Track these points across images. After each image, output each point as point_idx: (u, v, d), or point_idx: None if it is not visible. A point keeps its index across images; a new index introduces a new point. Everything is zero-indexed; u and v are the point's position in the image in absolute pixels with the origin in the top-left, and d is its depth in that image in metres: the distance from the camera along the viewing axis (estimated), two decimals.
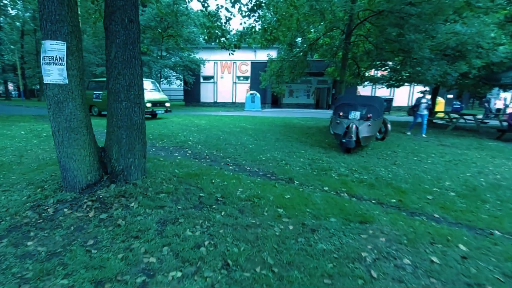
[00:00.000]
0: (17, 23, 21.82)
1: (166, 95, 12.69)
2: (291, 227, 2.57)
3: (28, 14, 21.90)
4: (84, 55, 22.58)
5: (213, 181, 3.68)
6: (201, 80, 22.93)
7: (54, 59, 2.70)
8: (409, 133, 8.97)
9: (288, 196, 3.30)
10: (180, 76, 21.40)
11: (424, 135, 8.61)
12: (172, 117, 12.38)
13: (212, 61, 22.44)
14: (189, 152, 5.38)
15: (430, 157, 5.69)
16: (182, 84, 23.07)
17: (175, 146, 5.84)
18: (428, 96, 8.63)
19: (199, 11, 5.49)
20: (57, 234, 2.31)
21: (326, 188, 3.69)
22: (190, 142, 6.24)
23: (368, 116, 5.58)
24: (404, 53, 7.45)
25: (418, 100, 8.61)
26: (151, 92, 11.38)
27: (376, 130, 5.81)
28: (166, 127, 8.67)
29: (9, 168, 3.88)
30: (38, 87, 26.09)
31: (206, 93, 23.37)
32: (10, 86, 29.11)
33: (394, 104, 21.26)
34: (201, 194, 3.19)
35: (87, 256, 2.04)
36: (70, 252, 2.08)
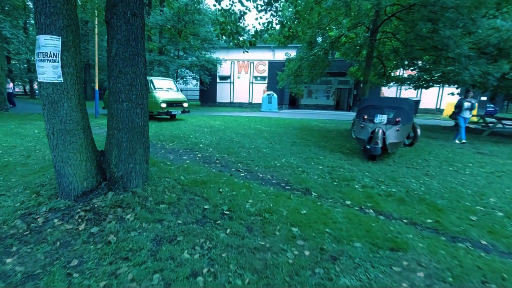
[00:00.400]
0: None
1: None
2: (307, 253, 2.16)
3: None
4: (106, 55, 23.31)
5: (220, 190, 3.34)
6: (218, 80, 22.86)
7: (48, 55, 2.47)
8: (464, 141, 7.77)
9: (305, 211, 2.88)
10: (197, 76, 21.41)
11: (456, 141, 7.79)
12: (187, 117, 12.27)
13: (229, 61, 22.31)
14: (199, 155, 5.09)
15: (468, 167, 5.02)
16: (198, 84, 23.11)
17: (185, 149, 5.58)
18: (471, 95, 7.48)
19: (217, 10, 5.16)
20: (40, 251, 2.05)
21: (348, 202, 3.23)
22: (201, 145, 5.96)
23: (397, 120, 5.00)
24: (437, 50, 6.74)
25: (460, 101, 7.59)
26: (167, 91, 10.86)
27: (405, 136, 5.22)
28: (178, 128, 8.50)
29: (12, 169, 3.76)
30: None
31: (223, 93, 23.27)
32: (36, 85, 30.69)
33: (421, 106, 20.03)
34: (205, 206, 2.85)
35: (66, 282, 1.75)
36: (49, 274, 1.81)
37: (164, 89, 10.86)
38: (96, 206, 2.66)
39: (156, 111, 9.94)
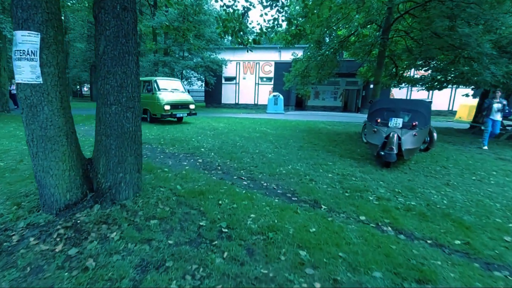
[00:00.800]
0: None
1: None
2: (318, 286, 1.82)
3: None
4: None
5: (220, 202, 3.02)
6: (223, 81, 22.64)
7: (26, 53, 2.20)
8: (486, 147, 7.16)
9: (314, 229, 2.54)
10: (201, 77, 21.20)
11: (485, 147, 7.22)
12: (190, 119, 11.99)
13: (234, 62, 22.07)
14: (200, 161, 4.79)
15: (492, 176, 4.59)
16: (203, 85, 22.93)
17: (186, 153, 5.29)
18: (500, 95, 6.78)
19: (220, 6, 4.85)
20: (6, 278, 1.77)
21: (362, 218, 2.87)
22: (202, 149, 5.66)
23: (413, 124, 4.60)
24: (455, 49, 6.29)
25: (489, 102, 6.88)
26: (172, 92, 10.23)
27: (421, 141, 4.81)
28: (181, 131, 8.23)
29: (0, 175, 3.52)
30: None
31: (228, 94, 23.03)
32: None
33: (433, 108, 19.37)
34: (201, 223, 2.53)
35: None
36: None
37: (169, 90, 10.22)
38: (79, 221, 2.37)
39: (159, 113, 9.57)
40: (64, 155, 2.46)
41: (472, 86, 9.37)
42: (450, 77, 8.66)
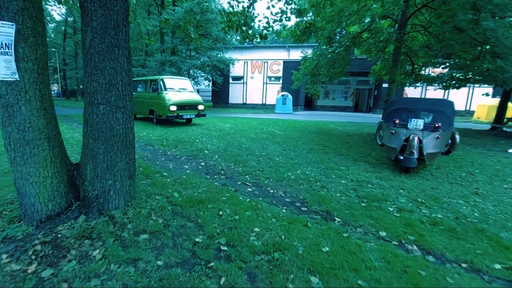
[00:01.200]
0: (62, 27, 23.51)
1: None
2: None
3: (71, 19, 23.33)
4: None
5: (220, 213, 2.71)
6: (230, 80, 22.40)
7: (0, 46, 1.95)
8: (511, 151, 6.59)
9: (327, 248, 2.19)
10: (209, 76, 20.98)
11: (510, 150, 6.65)
12: (196, 119, 11.65)
13: (242, 61, 21.79)
14: (203, 164, 4.50)
15: None
16: (210, 85, 22.73)
17: (188, 155, 5.01)
18: None
19: (228, 6, 4.52)
20: None
21: (383, 234, 2.50)
22: (206, 151, 5.37)
23: (436, 125, 4.17)
24: (479, 44, 5.78)
25: None
26: (179, 92, 9.66)
27: (444, 144, 4.38)
28: (185, 131, 7.98)
29: None
30: (76, 87, 27.85)
31: (235, 94, 22.78)
32: (55, 87, 31.43)
33: None
34: (197, 239, 2.22)
35: None
36: None
37: (176, 89, 9.68)
38: (59, 236, 2.10)
39: (165, 114, 9.20)
40: (45, 161, 2.20)
41: (494, 85, 8.76)
42: (470, 75, 8.09)
